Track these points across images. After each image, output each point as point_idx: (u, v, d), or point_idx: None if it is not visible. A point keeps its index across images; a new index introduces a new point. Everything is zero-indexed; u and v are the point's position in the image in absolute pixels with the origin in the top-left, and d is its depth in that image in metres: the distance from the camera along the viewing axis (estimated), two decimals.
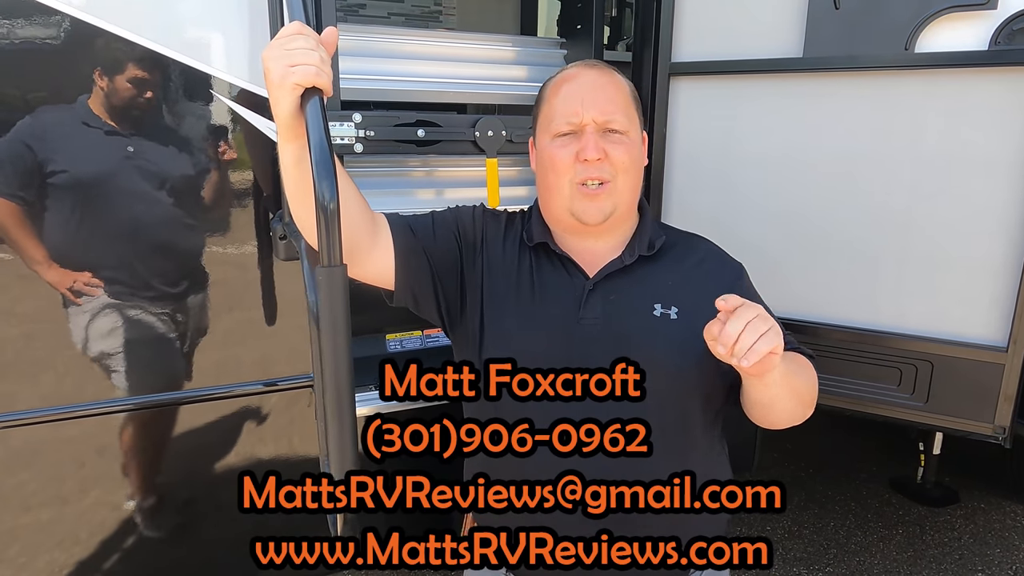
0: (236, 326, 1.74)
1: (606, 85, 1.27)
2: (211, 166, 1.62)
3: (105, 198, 1.54)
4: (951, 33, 1.54)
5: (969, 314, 1.65)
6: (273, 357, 1.78)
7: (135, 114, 1.55)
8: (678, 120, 1.89)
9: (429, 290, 1.29)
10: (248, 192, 1.67)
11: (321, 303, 0.93)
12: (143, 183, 1.57)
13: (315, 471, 1.45)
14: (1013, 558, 3.07)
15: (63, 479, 1.65)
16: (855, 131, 1.68)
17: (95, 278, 1.57)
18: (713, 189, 1.88)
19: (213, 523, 1.84)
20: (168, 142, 1.58)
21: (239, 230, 1.67)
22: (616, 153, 1.22)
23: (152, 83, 1.54)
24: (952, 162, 1.60)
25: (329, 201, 0.90)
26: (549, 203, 1.29)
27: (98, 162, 1.53)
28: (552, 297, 1.27)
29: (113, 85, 1.50)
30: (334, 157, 0.93)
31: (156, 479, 1.75)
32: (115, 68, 1.50)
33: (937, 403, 1.70)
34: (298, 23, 0.97)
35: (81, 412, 1.62)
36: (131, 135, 1.54)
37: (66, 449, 1.64)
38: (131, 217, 1.57)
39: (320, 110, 0.95)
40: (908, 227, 1.68)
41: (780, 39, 1.72)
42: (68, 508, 1.67)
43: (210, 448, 1.79)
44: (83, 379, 1.62)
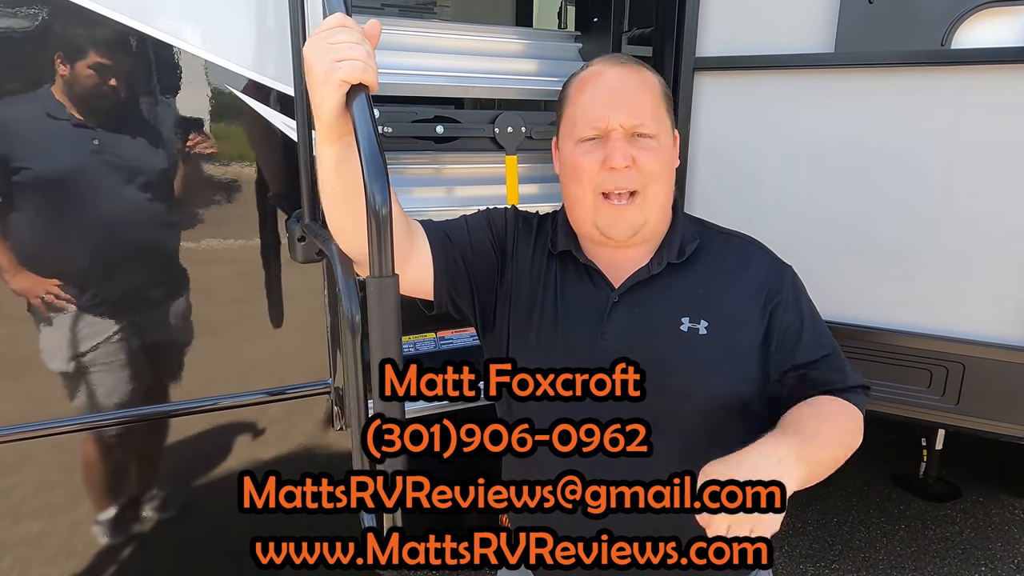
0: (243, 331, 1.66)
1: (634, 85, 1.18)
2: (212, 163, 1.54)
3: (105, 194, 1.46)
4: (988, 29, 1.51)
5: (1000, 315, 1.63)
6: (285, 364, 1.71)
7: (105, 105, 1.43)
8: (702, 117, 1.85)
9: (468, 297, 1.25)
10: (262, 192, 1.60)
11: (371, 315, 0.87)
12: (141, 178, 1.48)
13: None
14: (1014, 552, 3.09)
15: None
16: (887, 128, 1.65)
17: (90, 284, 1.48)
18: (738, 188, 1.83)
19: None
20: (156, 135, 1.48)
21: (248, 230, 1.60)
22: (645, 160, 1.14)
23: (132, 69, 1.44)
24: (986, 161, 1.57)
25: (381, 206, 0.84)
26: (573, 213, 1.23)
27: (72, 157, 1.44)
28: (575, 311, 1.22)
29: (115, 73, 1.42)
30: (384, 158, 0.86)
31: (172, 489, 1.68)
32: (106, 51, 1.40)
33: (968, 405, 1.68)
34: (340, 15, 0.91)
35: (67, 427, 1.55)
36: (97, 128, 1.43)
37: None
38: (130, 217, 1.49)
39: (368, 108, 0.88)
40: (939, 226, 1.65)
41: (811, 34, 1.68)
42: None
43: (218, 458, 1.72)
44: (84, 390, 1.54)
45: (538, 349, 1.22)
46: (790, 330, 1.20)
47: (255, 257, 1.61)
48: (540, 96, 2.00)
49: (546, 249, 1.27)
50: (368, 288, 0.86)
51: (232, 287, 1.62)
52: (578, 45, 2.13)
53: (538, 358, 1.21)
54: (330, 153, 0.98)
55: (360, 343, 1.11)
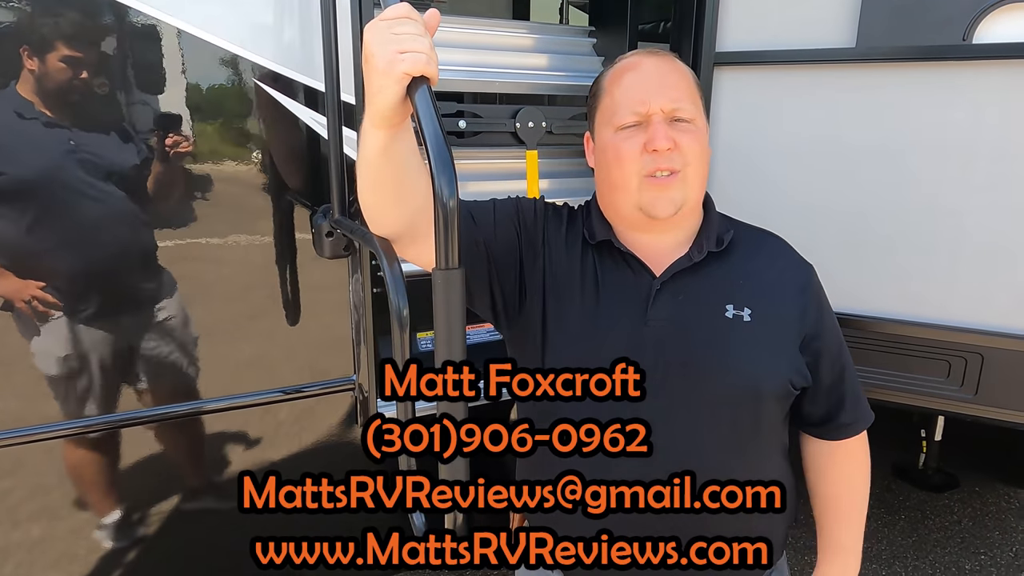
0: (264, 329, 1.64)
1: (671, 72, 1.22)
2: (231, 159, 1.52)
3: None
4: (1011, 24, 1.53)
5: (1019, 305, 1.65)
6: (307, 361, 1.69)
7: (118, 100, 1.41)
8: (721, 112, 1.85)
9: (484, 284, 1.24)
10: (285, 188, 1.58)
11: (436, 308, 0.87)
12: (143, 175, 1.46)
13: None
14: (1012, 540, 3.15)
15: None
16: (908, 123, 1.66)
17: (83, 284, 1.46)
18: (758, 183, 1.84)
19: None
20: (176, 130, 1.46)
21: (270, 226, 1.58)
22: (686, 142, 1.17)
23: (154, 60, 1.41)
24: (1007, 154, 1.59)
25: (449, 198, 0.83)
26: (614, 199, 1.23)
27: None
28: (618, 298, 1.22)
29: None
30: (451, 151, 0.85)
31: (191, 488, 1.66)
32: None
33: (986, 395, 1.71)
34: (406, 5, 0.89)
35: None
36: (71, 127, 1.39)
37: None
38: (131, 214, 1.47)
39: (432, 100, 0.87)
40: (959, 219, 1.67)
41: (831, 29, 1.69)
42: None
43: (229, 458, 1.70)
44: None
45: (580, 338, 1.21)
46: (817, 338, 1.25)
47: (279, 253, 1.60)
48: (556, 91, 2.00)
49: (579, 240, 1.27)
50: (434, 280, 0.86)
51: (253, 284, 1.60)
52: (592, 40, 2.13)
53: (580, 347, 1.21)
54: (378, 137, 0.97)
55: (407, 337, 1.11)
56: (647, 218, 1.19)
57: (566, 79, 1.98)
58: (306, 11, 1.48)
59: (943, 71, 1.61)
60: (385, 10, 0.90)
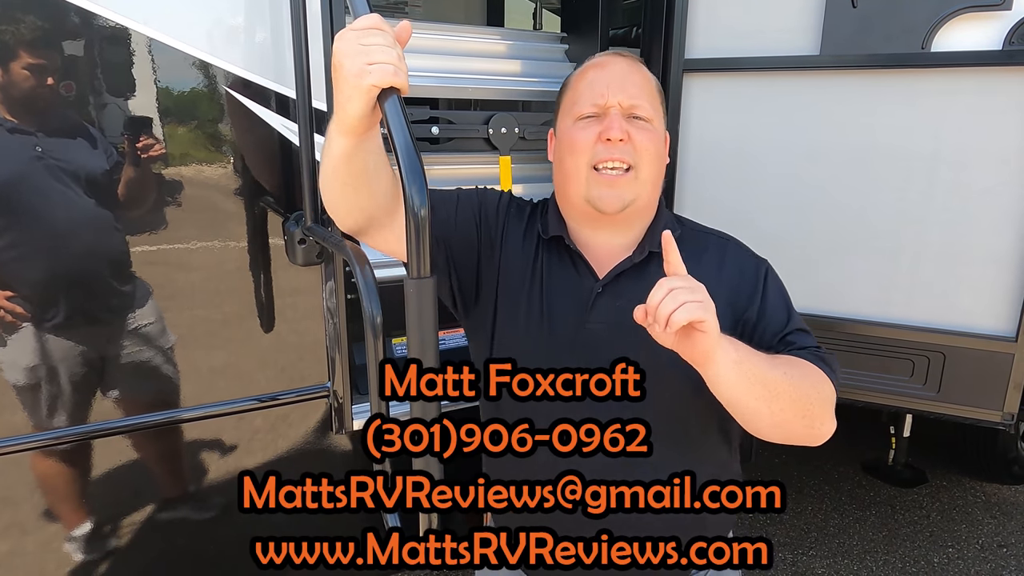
0: (238, 336, 1.63)
1: (634, 72, 1.25)
2: (204, 165, 1.51)
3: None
4: (967, 33, 1.58)
5: (979, 306, 1.71)
6: (281, 368, 1.68)
7: (91, 103, 1.39)
8: (692, 117, 1.89)
9: (443, 275, 1.26)
10: (257, 195, 1.57)
11: (409, 315, 0.87)
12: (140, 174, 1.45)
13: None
14: (978, 532, 3.23)
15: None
16: (870, 128, 1.71)
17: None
18: (726, 187, 1.88)
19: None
20: (146, 136, 1.44)
21: (243, 234, 1.57)
22: (640, 138, 1.19)
23: (123, 65, 1.40)
24: (966, 159, 1.65)
25: (420, 208, 0.84)
26: (566, 189, 1.25)
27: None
28: (560, 299, 1.25)
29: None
30: (422, 161, 0.87)
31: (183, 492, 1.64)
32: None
33: (948, 393, 1.76)
34: (376, 16, 0.90)
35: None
36: (38, 134, 1.36)
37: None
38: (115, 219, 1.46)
39: (402, 111, 0.89)
40: (921, 222, 1.72)
41: (797, 36, 1.73)
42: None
43: (219, 465, 1.68)
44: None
45: (527, 334, 1.24)
46: (761, 312, 1.22)
47: (252, 260, 1.59)
48: (529, 97, 2.01)
49: (535, 235, 1.29)
50: (407, 289, 0.86)
51: (226, 291, 1.59)
52: (564, 46, 2.15)
53: (525, 343, 1.24)
54: (342, 144, 0.99)
55: (382, 344, 1.12)
56: (595, 212, 1.21)
57: (539, 85, 2.00)
58: (276, 18, 1.48)
59: (903, 78, 1.66)
60: (355, 20, 0.91)
